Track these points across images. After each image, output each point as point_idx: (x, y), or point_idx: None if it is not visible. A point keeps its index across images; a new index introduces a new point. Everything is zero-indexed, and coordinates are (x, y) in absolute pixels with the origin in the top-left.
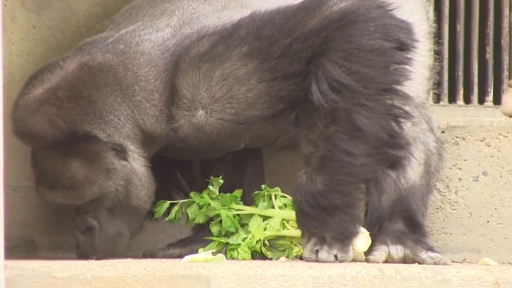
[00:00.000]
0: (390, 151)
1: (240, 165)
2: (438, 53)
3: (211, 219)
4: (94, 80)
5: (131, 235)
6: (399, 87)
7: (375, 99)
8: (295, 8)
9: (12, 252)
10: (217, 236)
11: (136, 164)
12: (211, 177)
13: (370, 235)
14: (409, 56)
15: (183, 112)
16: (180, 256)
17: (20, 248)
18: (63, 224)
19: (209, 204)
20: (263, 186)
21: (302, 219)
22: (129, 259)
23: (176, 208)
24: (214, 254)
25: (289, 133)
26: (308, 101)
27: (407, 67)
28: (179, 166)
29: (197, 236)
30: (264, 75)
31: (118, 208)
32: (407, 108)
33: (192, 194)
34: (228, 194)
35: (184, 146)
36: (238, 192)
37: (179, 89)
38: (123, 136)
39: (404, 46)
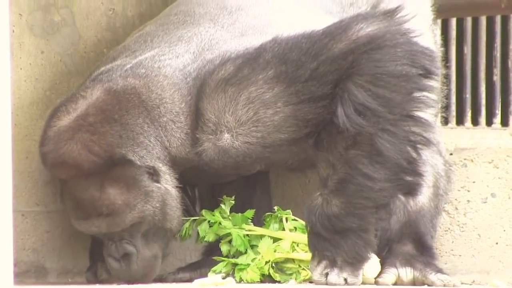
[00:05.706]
0: (408, 177)
1: (249, 187)
2: (445, 76)
3: (220, 240)
4: (122, 103)
5: (162, 258)
6: (421, 114)
7: (398, 124)
8: (321, 33)
9: (22, 277)
10: (226, 256)
11: (169, 185)
12: (224, 197)
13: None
14: (431, 83)
15: (207, 136)
16: (190, 280)
17: (30, 273)
18: (72, 249)
19: (220, 223)
20: (276, 208)
21: (314, 241)
22: (138, 284)
23: (186, 224)
24: (223, 278)
25: (299, 154)
26: (333, 124)
27: (429, 94)
28: (182, 186)
29: (207, 260)
30: (290, 98)
31: (151, 232)
32: (427, 134)
33: (203, 211)
34: (240, 214)
35: (208, 169)
36: (249, 213)
37: (204, 112)
38: (154, 158)
39: (428, 74)
